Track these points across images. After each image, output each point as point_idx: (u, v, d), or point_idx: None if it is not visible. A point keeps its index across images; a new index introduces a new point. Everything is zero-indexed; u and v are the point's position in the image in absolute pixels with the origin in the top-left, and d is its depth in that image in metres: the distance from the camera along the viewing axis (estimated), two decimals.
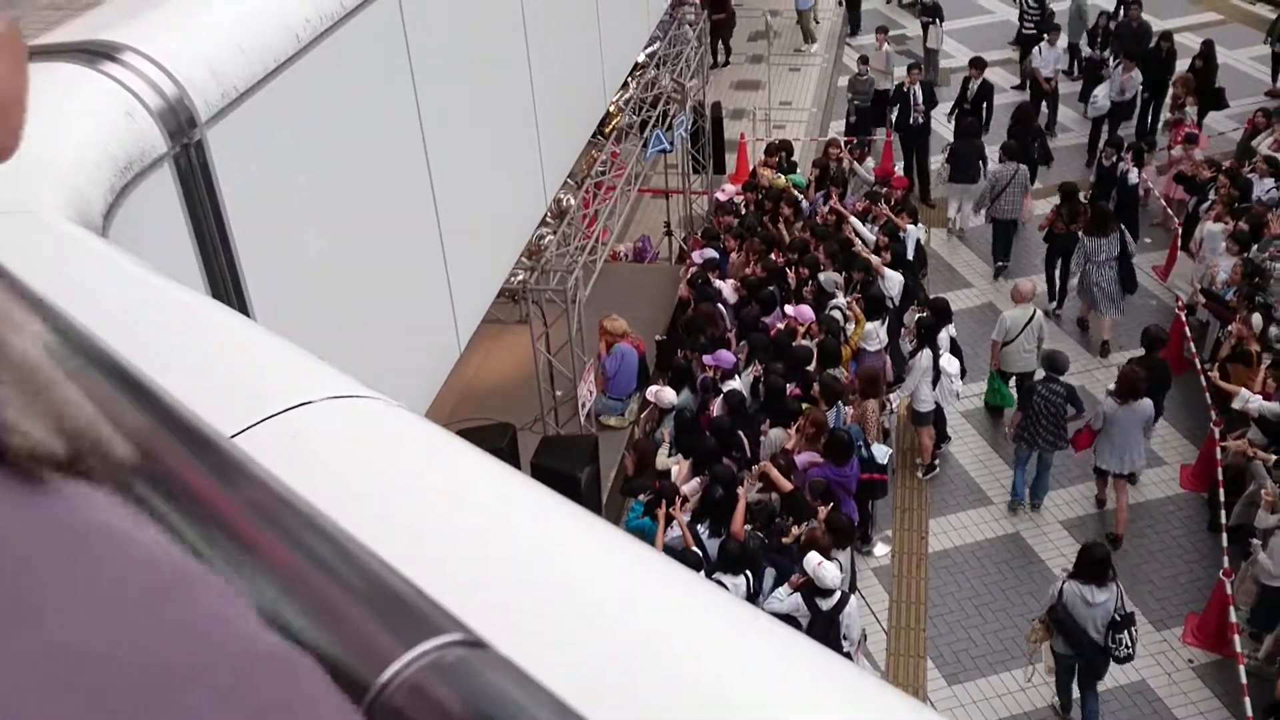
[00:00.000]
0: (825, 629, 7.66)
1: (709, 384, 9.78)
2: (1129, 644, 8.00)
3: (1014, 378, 11.28)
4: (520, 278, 8.96)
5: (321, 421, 1.70)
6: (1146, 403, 9.83)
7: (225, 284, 3.77)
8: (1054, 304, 13.16)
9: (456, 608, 1.07)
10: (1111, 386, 10.00)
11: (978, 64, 15.62)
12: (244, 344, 2.01)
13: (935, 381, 10.34)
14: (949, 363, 10.31)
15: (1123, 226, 12.53)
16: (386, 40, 5.08)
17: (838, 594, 7.77)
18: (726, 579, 7.82)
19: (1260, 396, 9.64)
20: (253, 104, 3.91)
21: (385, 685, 0.54)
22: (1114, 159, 13.83)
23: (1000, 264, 13.95)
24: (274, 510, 0.65)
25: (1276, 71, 17.70)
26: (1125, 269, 12.39)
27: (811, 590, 7.78)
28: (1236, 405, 9.81)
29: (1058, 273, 13.11)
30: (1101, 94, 15.64)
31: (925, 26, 17.83)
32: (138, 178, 3.35)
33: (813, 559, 7.69)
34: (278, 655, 0.52)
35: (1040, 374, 10.55)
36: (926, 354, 10.33)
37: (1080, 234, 12.44)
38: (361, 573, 0.62)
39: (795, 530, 8.25)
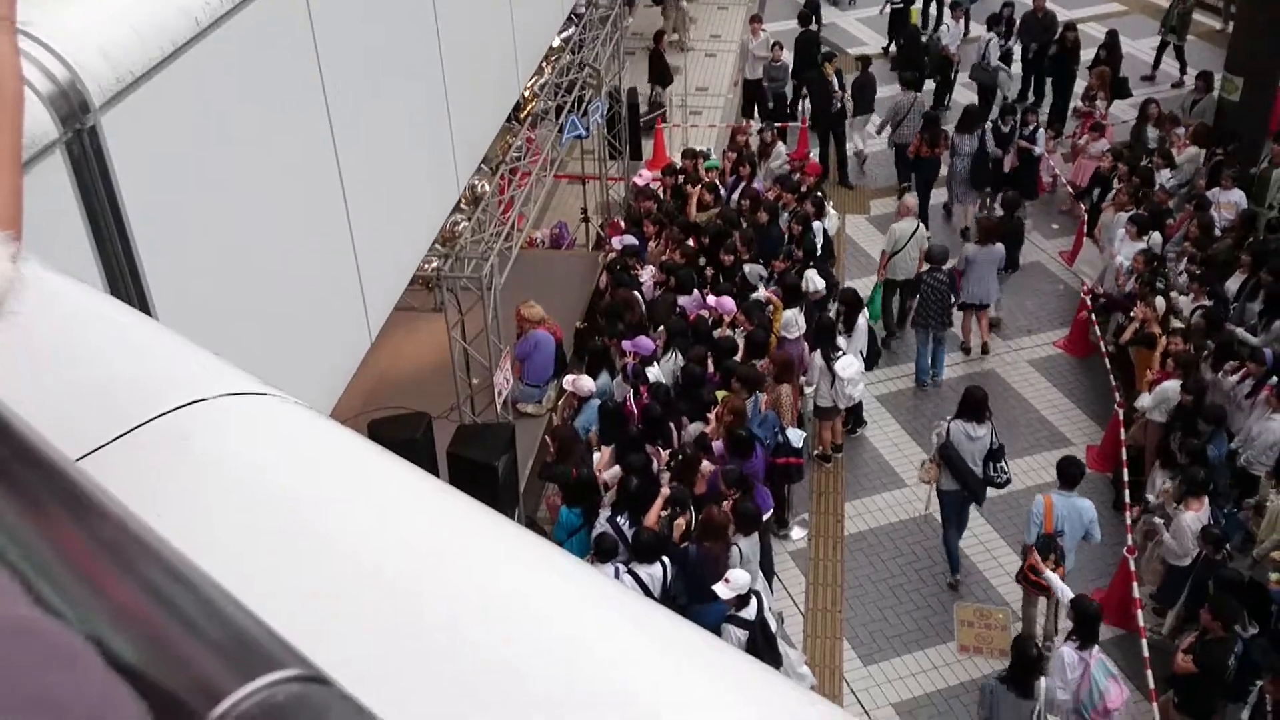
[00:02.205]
0: (763, 634, 7.70)
1: (638, 372, 9.77)
2: (1005, 471, 9.59)
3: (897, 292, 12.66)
4: (434, 265, 8.84)
5: (214, 421, 1.64)
6: (999, 247, 12.07)
7: (123, 275, 3.65)
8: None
9: (342, 625, 1.04)
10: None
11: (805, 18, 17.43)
12: (132, 339, 1.94)
13: (833, 382, 10.45)
14: (843, 368, 10.40)
15: (986, 126, 14.19)
16: (291, 23, 4.95)
17: (752, 598, 7.76)
18: (642, 569, 7.84)
19: (1147, 394, 10.13)
20: (150, 89, 3.78)
21: None
22: (1011, 125, 14.34)
23: (905, 185, 15.12)
24: (102, 531, 0.62)
25: (1160, 59, 18.28)
26: (980, 163, 14.10)
27: (732, 606, 7.75)
28: (1136, 406, 10.35)
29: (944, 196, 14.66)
30: (1007, 77, 16.19)
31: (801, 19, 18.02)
32: (27, 165, 3.22)
33: (721, 589, 7.62)
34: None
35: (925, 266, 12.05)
36: (817, 356, 10.45)
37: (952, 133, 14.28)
38: (196, 601, 0.59)
39: (681, 522, 8.24)
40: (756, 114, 16.86)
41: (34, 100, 3.31)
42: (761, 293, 11.13)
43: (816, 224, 12.34)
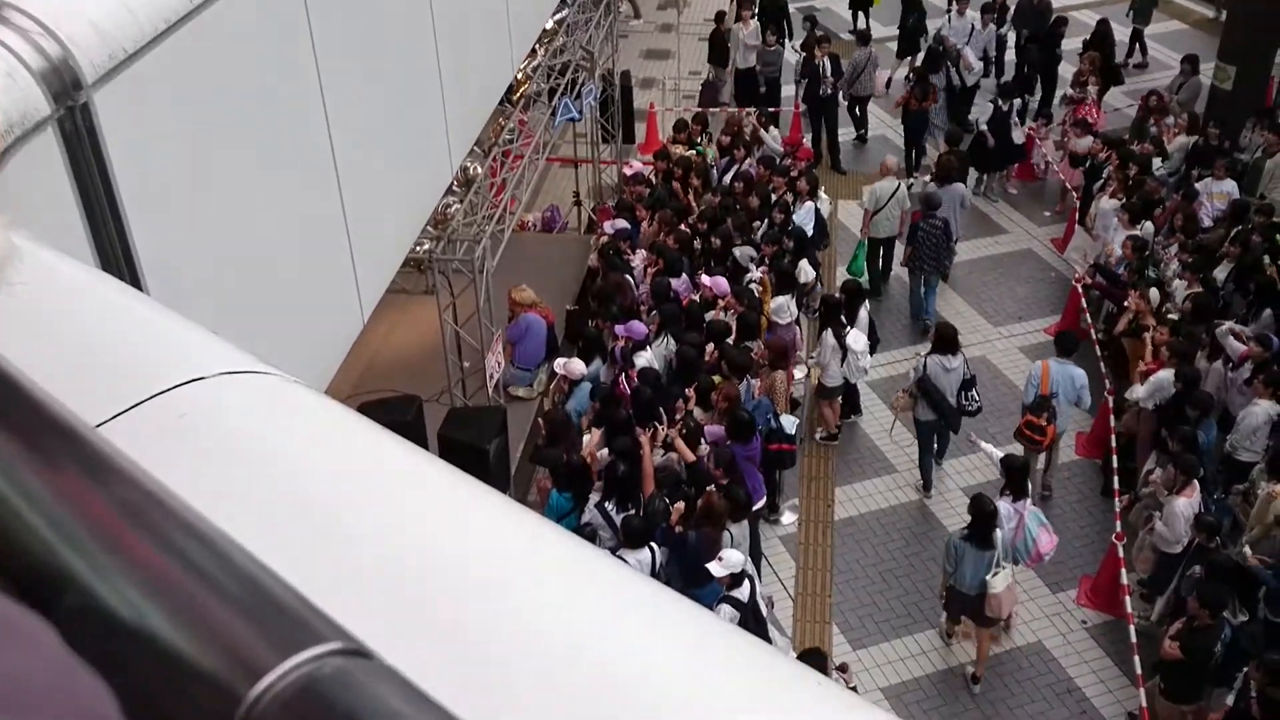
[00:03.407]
0: (755, 618, 7.72)
1: (626, 354, 9.76)
2: (977, 399, 10.31)
3: (880, 247, 13.26)
4: (426, 247, 8.81)
5: (214, 398, 1.63)
6: (959, 185, 12.94)
7: (115, 254, 3.62)
8: (913, 174, 15.03)
9: (349, 600, 1.02)
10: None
11: None
12: (132, 317, 1.92)
13: (844, 359, 10.50)
14: (854, 340, 10.45)
15: (950, 64, 15.70)
16: (285, 2, 4.92)
17: (745, 581, 7.80)
18: (629, 555, 7.83)
19: (1139, 385, 10.12)
20: (143, 66, 3.75)
21: (256, 701, 0.49)
22: (1010, 105, 14.69)
23: (860, 132, 16.46)
24: (139, 507, 0.61)
25: (1133, 46, 18.26)
26: (951, 102, 15.55)
27: (725, 585, 7.79)
28: (1128, 397, 10.34)
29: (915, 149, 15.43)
30: (972, 58, 16.05)
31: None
32: (19, 141, 3.20)
33: (715, 568, 7.66)
34: None
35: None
36: (828, 334, 10.47)
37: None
38: (235, 576, 0.58)
39: (680, 507, 8.26)
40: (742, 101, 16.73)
41: (25, 76, 3.27)
42: (755, 273, 11.14)
43: (809, 204, 12.38)
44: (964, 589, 8.53)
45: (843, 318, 10.63)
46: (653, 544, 8.02)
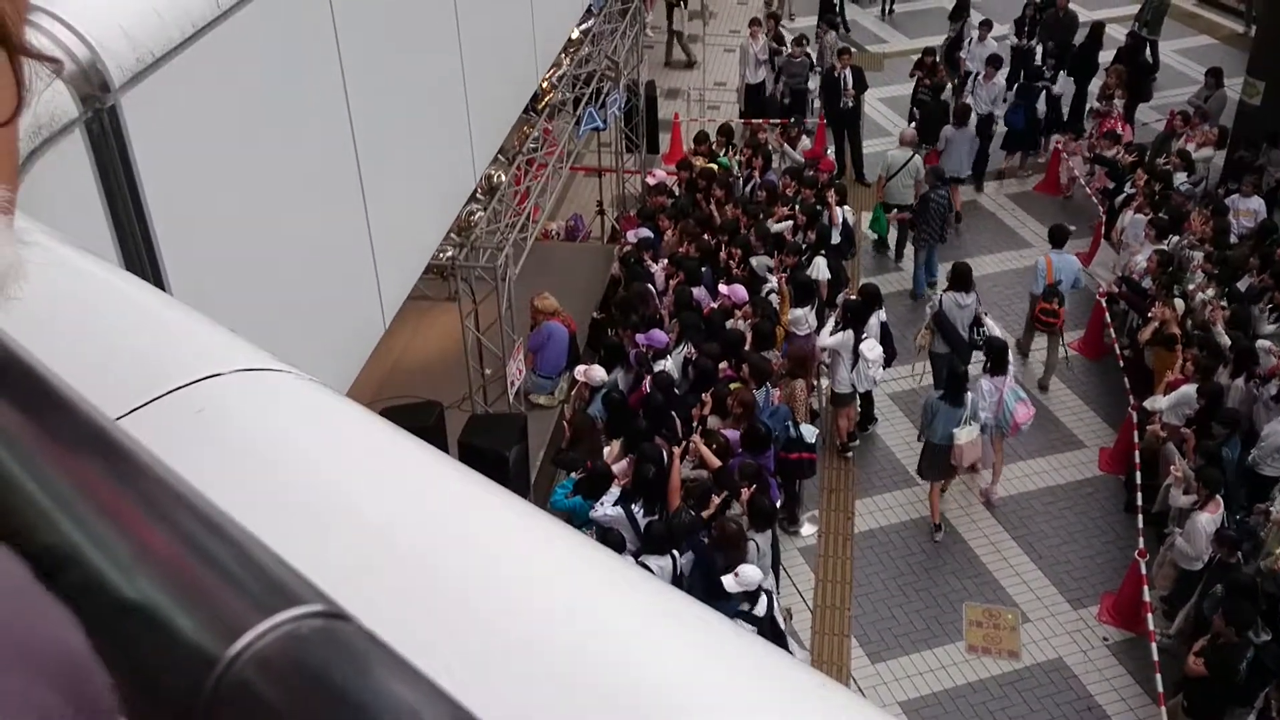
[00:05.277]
0: (772, 631, 7.71)
1: (642, 359, 9.77)
2: (984, 335, 11.03)
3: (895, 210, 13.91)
4: (449, 254, 8.85)
5: (230, 395, 1.64)
6: (971, 128, 14.41)
7: (139, 254, 3.65)
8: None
9: (354, 589, 1.03)
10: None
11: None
12: (149, 313, 1.94)
13: (855, 365, 10.47)
14: (870, 349, 10.43)
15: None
16: (312, 7, 4.96)
17: (762, 595, 7.79)
18: (652, 560, 7.83)
19: (1163, 395, 10.06)
20: (170, 70, 3.79)
21: (236, 657, 0.50)
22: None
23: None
24: (125, 470, 0.61)
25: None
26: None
27: (741, 601, 7.79)
28: (1148, 405, 10.30)
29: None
30: (973, 109, 15.71)
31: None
32: (46, 143, 3.23)
33: (729, 582, 7.68)
34: None
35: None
36: (849, 335, 10.45)
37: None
38: (218, 538, 0.58)
39: (716, 499, 8.29)
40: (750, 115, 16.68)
41: (54, 78, 3.31)
42: (773, 281, 11.15)
43: (840, 209, 12.38)
44: (936, 441, 9.83)
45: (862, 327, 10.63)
46: (674, 551, 8.01)
